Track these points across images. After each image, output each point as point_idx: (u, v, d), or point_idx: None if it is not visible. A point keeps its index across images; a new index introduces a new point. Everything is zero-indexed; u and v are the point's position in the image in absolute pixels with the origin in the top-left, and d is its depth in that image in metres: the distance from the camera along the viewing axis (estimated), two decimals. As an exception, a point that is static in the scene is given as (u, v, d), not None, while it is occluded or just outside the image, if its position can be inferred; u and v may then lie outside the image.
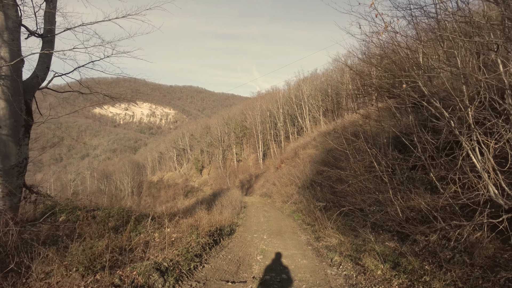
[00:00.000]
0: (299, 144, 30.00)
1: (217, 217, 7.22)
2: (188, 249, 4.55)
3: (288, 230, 9.99)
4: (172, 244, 4.94)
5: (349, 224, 7.83)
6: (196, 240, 5.03)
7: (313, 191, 14.48)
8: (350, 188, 6.63)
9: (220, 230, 7.00)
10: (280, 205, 17.18)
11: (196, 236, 5.22)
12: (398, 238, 5.12)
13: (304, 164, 18.99)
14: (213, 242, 5.77)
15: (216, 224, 6.67)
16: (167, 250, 4.46)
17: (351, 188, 6.69)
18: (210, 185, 55.56)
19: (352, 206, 6.52)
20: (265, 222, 11.55)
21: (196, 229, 5.52)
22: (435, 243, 3.79)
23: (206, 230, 5.62)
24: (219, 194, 20.42)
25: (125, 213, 5.70)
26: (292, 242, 7.82)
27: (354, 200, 6.89)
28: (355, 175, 6.44)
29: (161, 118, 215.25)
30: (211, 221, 6.31)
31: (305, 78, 49.56)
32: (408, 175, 5.26)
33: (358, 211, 6.43)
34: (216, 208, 12.60)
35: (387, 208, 5.36)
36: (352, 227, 7.56)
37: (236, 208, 14.13)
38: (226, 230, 7.50)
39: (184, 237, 5.41)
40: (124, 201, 48.65)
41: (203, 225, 5.84)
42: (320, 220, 8.77)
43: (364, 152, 6.86)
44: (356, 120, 10.57)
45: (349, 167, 7.41)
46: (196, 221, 6.12)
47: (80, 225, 4.84)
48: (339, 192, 9.87)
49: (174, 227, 6.01)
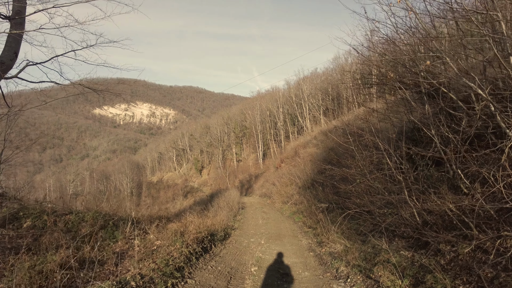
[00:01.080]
0: (300, 143, 29.28)
1: (209, 221, 6.51)
2: (168, 261, 3.84)
3: (288, 234, 9.28)
4: (152, 254, 4.23)
5: (355, 228, 7.11)
6: (180, 250, 4.32)
7: (314, 191, 13.76)
8: (356, 188, 5.91)
9: (212, 236, 6.29)
10: (279, 206, 16.46)
11: (181, 245, 4.52)
12: (415, 246, 4.41)
13: (304, 163, 18.27)
14: (201, 250, 5.07)
15: (207, 229, 5.96)
16: (144, 262, 3.75)
17: (358, 188, 5.98)
18: (210, 185, 54.89)
19: (359, 208, 5.80)
20: (264, 224, 10.83)
21: (182, 236, 4.82)
22: (468, 256, 3.08)
23: (193, 237, 4.92)
24: (217, 195, 19.71)
25: (102, 218, 5.01)
26: (292, 248, 7.10)
27: (360, 201, 6.17)
28: (362, 174, 5.72)
29: (161, 118, 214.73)
30: (200, 226, 5.61)
31: (305, 77, 48.87)
32: (425, 172, 4.54)
33: (366, 214, 5.71)
34: (212, 210, 11.90)
35: (401, 210, 4.65)
36: (358, 232, 6.85)
37: (233, 209, 13.42)
38: (219, 235, 6.79)
39: (168, 245, 4.70)
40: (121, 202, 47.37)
41: (190, 231, 5.13)
42: (323, 222, 8.05)
43: (373, 148, 6.15)
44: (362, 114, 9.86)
45: (355, 165, 6.69)
46: (183, 226, 5.41)
47: (47, 232, 4.14)
48: (343, 193, 9.15)
49: (159, 233, 5.30)
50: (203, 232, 5.41)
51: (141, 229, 5.44)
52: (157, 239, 5.05)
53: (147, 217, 6.75)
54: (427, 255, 3.72)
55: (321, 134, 25.40)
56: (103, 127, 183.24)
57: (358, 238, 6.53)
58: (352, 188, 5.79)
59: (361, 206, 6.04)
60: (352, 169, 6.25)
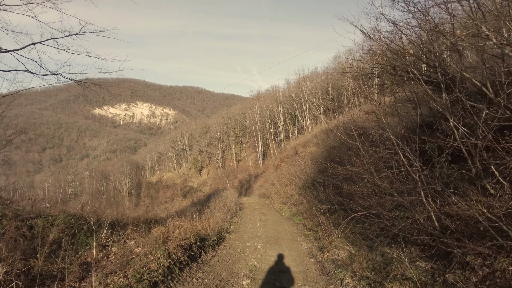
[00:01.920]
0: (300, 142, 28.67)
1: (199, 225, 5.89)
2: (142, 275, 3.24)
3: (287, 237, 8.67)
4: (128, 265, 3.63)
5: (360, 231, 6.50)
6: (158, 261, 3.71)
7: (315, 191, 13.16)
8: (362, 189, 5.30)
9: (203, 241, 5.69)
10: (279, 207, 15.85)
11: (162, 253, 3.92)
12: (433, 256, 3.79)
13: (305, 163, 17.66)
14: (188, 259, 4.45)
15: (197, 234, 5.35)
16: (114, 276, 3.15)
17: (364, 189, 5.36)
18: (209, 185, 54.37)
19: (365, 211, 5.19)
20: (262, 226, 10.22)
21: (164, 243, 4.21)
22: (510, 273, 2.48)
23: (177, 244, 4.30)
24: (214, 195, 19.10)
25: (76, 221, 4.42)
26: (291, 254, 6.49)
27: (366, 203, 5.55)
28: (369, 172, 5.11)
29: (161, 118, 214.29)
30: (187, 231, 4.99)
31: (305, 77, 48.30)
32: (444, 170, 3.93)
33: (374, 217, 5.09)
34: (207, 212, 11.31)
35: (415, 214, 4.04)
36: (364, 236, 6.23)
37: (230, 210, 12.81)
38: (211, 240, 6.18)
39: (148, 254, 4.10)
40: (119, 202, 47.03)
41: (175, 237, 4.52)
42: (325, 225, 7.44)
43: (380, 144, 5.54)
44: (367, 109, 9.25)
45: (359, 163, 6.07)
46: (167, 231, 4.80)
47: (3, 239, 3.54)
48: (346, 193, 8.54)
49: (142, 239, 4.69)
50: (191, 238, 4.79)
51: (121, 234, 4.83)
52: (138, 246, 4.44)
53: (132, 219, 6.14)
54: (451, 268, 3.12)
55: (321, 132, 24.79)
56: (103, 127, 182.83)
57: (364, 243, 5.91)
58: (358, 188, 5.17)
59: (367, 208, 5.43)
60: (357, 167, 5.63)
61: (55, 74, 6.24)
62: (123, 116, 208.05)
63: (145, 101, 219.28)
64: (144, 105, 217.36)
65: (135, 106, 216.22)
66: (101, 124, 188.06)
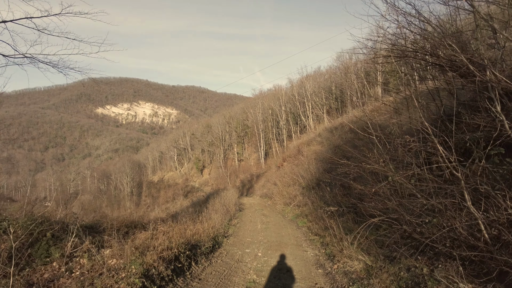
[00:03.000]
0: (303, 141, 27.82)
1: (193, 229, 5.09)
2: (103, 302, 2.49)
3: (291, 242, 7.86)
4: (91, 285, 2.86)
5: (374, 237, 5.68)
6: (129, 281, 2.93)
7: (320, 192, 12.34)
8: (381, 189, 4.49)
9: (194, 248, 4.90)
10: (281, 208, 15.04)
11: (138, 267, 3.15)
12: (479, 275, 2.98)
13: (308, 162, 16.82)
14: (172, 272, 3.68)
15: (186, 241, 4.56)
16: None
17: (382, 189, 4.55)
18: (211, 185, 53.73)
19: (384, 215, 4.38)
20: (263, 230, 9.42)
21: (142, 255, 3.44)
22: None
23: (158, 256, 3.51)
24: (213, 196, 18.34)
25: (38, 226, 3.67)
26: (296, 263, 5.68)
27: (385, 205, 4.74)
28: (391, 170, 4.29)
29: (164, 118, 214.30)
30: (174, 239, 4.20)
31: (308, 75, 47.49)
32: (490, 167, 3.10)
33: (396, 223, 4.28)
34: (206, 213, 10.53)
35: (453, 221, 3.22)
36: (379, 243, 5.42)
37: (229, 211, 12.04)
38: (205, 247, 5.40)
39: (123, 267, 3.33)
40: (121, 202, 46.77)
41: (156, 246, 3.73)
42: (334, 230, 6.62)
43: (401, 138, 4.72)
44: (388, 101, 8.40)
45: (374, 159, 5.25)
46: (151, 238, 4.01)
47: None
48: (357, 194, 7.73)
49: (120, 247, 3.91)
50: (175, 249, 3.98)
51: (96, 242, 4.06)
52: (114, 256, 3.67)
53: (115, 222, 5.37)
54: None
55: (326, 131, 23.94)
56: (106, 127, 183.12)
57: (381, 252, 5.10)
58: (377, 189, 4.36)
59: (387, 212, 4.61)
60: (373, 164, 4.82)
61: (27, 57, 5.49)
62: (125, 115, 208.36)
63: (148, 101, 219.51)
64: (146, 105, 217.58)
65: (138, 105, 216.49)
66: (104, 124, 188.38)
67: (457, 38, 5.03)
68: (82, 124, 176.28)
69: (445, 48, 4.69)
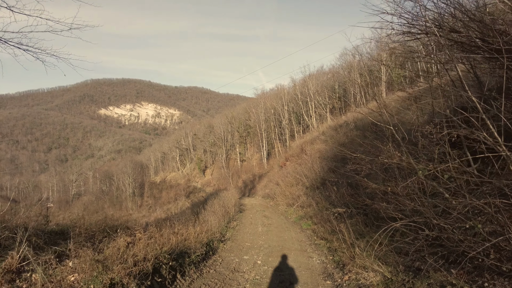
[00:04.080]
0: (306, 140, 27.04)
1: (174, 237, 4.33)
2: None
3: (294, 247, 7.13)
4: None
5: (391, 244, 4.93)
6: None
7: (325, 192, 11.59)
8: (403, 188, 3.74)
9: (182, 257, 4.18)
10: (284, 209, 14.30)
11: (99, 285, 2.46)
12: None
13: (312, 161, 16.06)
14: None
15: (170, 249, 3.83)
16: None
17: (405, 187, 3.80)
18: (213, 185, 53.18)
19: (408, 219, 3.63)
20: (264, 233, 8.69)
21: (107, 269, 2.73)
22: None
23: (126, 272, 2.81)
24: (213, 196, 17.64)
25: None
26: (301, 274, 4.95)
27: (404, 207, 3.98)
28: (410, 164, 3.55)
29: (166, 119, 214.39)
30: (150, 247, 3.46)
31: (311, 75, 46.75)
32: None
33: (423, 227, 3.53)
34: (203, 215, 9.83)
35: (507, 228, 2.48)
36: (397, 250, 4.66)
37: (229, 213, 11.32)
38: (196, 254, 4.69)
39: (84, 285, 2.63)
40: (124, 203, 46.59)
41: (125, 258, 3.01)
42: (343, 235, 5.87)
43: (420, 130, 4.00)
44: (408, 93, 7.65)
45: (389, 153, 4.50)
46: (121, 249, 3.27)
47: None
48: (368, 194, 6.96)
49: (88, 257, 3.19)
50: (157, 258, 3.27)
51: (57, 252, 3.37)
52: (75, 270, 2.97)
53: (95, 227, 4.68)
54: None
55: (330, 129, 23.15)
56: (108, 127, 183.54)
57: (401, 262, 4.35)
58: (404, 186, 3.61)
59: (409, 215, 3.86)
60: (392, 158, 4.08)
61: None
62: (128, 116, 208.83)
63: (150, 102, 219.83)
64: (149, 106, 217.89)
65: (140, 106, 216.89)
66: (107, 125, 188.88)
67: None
68: (85, 125, 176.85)
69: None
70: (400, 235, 4.83)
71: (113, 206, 62.90)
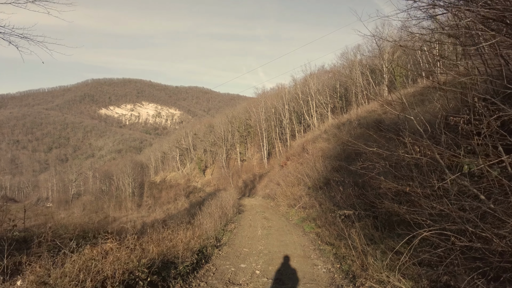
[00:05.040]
0: (307, 138, 26.36)
1: (155, 247, 3.63)
2: None
3: (297, 253, 6.47)
4: None
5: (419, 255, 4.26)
6: None
7: (328, 192, 10.93)
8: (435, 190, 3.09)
9: (166, 268, 3.53)
10: (285, 210, 13.66)
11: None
12: None
13: (315, 159, 15.40)
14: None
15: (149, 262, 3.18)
16: None
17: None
18: (213, 185, 52.63)
19: (437, 226, 2.97)
20: (264, 237, 8.04)
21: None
22: None
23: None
24: (211, 197, 17.00)
25: None
26: (306, 287, 4.29)
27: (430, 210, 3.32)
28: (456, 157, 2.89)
29: (167, 118, 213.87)
30: (116, 263, 2.80)
31: (312, 74, 46.16)
32: None
33: (455, 236, 2.87)
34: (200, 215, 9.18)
35: None
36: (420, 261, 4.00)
37: (227, 214, 10.68)
38: (185, 265, 4.04)
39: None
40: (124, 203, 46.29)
41: (82, 279, 2.36)
42: (353, 240, 5.21)
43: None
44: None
45: (410, 148, 3.85)
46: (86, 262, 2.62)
47: None
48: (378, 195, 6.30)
49: (40, 275, 2.54)
50: (127, 274, 2.65)
51: (14, 263, 2.72)
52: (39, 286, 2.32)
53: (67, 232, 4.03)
54: None
55: (332, 127, 22.47)
56: (109, 127, 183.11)
57: (423, 274, 3.69)
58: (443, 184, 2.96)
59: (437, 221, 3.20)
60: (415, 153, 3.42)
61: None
62: (129, 116, 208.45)
63: (151, 101, 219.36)
64: (149, 105, 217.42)
65: (141, 106, 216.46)
66: (107, 124, 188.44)
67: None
68: (86, 125, 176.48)
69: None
70: (425, 243, 4.17)
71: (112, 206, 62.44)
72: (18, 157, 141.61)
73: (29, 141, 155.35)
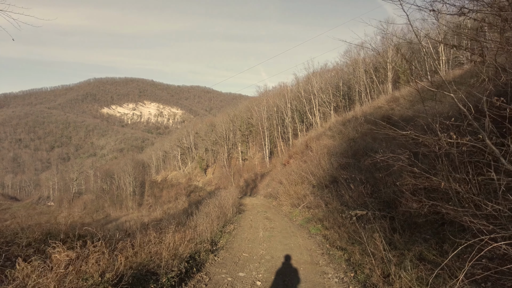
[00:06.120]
0: (311, 136, 25.54)
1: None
2: None
3: (303, 258, 5.71)
4: None
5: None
6: None
7: (335, 191, 10.15)
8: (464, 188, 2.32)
9: (141, 283, 2.81)
10: (288, 210, 12.89)
11: None
12: None
13: (320, 157, 14.62)
14: None
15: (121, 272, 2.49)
16: None
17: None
18: (215, 184, 52.01)
19: (504, 231, 2.20)
20: (265, 239, 7.28)
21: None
22: None
23: None
24: (210, 196, 16.26)
25: None
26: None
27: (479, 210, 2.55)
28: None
29: (169, 118, 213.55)
30: (74, 275, 2.16)
31: (314, 72, 45.41)
32: None
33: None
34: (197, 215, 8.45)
35: None
36: (452, 273, 3.23)
37: (227, 214, 9.93)
38: (169, 276, 3.31)
39: None
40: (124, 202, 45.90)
41: None
42: (372, 245, 4.44)
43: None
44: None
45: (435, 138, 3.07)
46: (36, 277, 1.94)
47: None
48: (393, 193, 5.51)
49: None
50: None
51: None
52: None
53: (25, 233, 3.30)
54: None
55: (337, 124, 21.67)
56: (111, 126, 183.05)
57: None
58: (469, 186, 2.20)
59: (508, 228, 2.43)
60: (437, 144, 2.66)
61: None
62: (131, 115, 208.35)
63: (153, 101, 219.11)
64: (151, 105, 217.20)
65: (143, 105, 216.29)
66: (109, 123, 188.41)
67: None
68: (88, 124, 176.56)
69: None
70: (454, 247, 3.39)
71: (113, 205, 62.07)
72: (20, 156, 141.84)
73: (31, 140, 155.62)
